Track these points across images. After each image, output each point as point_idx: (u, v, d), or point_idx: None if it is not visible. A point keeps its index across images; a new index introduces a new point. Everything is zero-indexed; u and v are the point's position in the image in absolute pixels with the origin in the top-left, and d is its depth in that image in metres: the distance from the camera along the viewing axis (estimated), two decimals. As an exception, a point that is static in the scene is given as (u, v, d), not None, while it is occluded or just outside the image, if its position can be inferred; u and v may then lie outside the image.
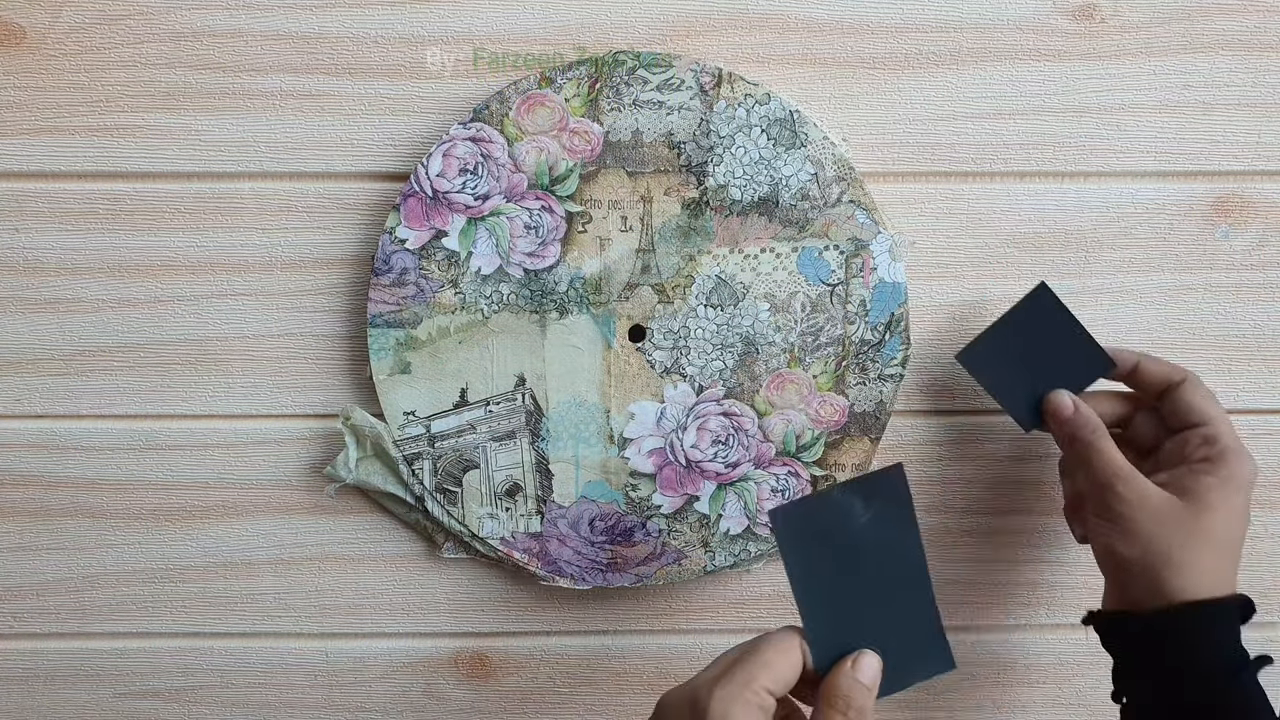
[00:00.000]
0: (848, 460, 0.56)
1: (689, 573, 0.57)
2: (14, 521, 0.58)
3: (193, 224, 0.55)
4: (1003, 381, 0.53)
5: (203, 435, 0.57)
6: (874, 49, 0.54)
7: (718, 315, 0.54)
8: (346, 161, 0.54)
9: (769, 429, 0.55)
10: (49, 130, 0.53)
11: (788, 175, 0.53)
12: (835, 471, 0.56)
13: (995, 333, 0.53)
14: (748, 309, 0.54)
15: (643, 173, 0.53)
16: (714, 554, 0.57)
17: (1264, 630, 0.60)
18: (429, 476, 0.56)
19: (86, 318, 0.56)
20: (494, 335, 0.54)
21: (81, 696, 0.60)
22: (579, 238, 0.53)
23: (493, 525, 0.56)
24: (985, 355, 0.53)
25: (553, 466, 0.56)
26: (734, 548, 0.57)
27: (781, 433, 0.55)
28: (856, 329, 0.54)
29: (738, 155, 0.53)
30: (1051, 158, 0.55)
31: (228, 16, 0.53)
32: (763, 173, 0.53)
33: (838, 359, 0.55)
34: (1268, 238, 0.56)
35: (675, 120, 0.53)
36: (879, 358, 0.55)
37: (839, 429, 0.55)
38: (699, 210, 0.53)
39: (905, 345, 0.55)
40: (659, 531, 0.56)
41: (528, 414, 0.55)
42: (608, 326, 0.54)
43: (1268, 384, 0.58)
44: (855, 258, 0.54)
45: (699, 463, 0.56)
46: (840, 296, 0.54)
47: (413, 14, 0.53)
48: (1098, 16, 0.54)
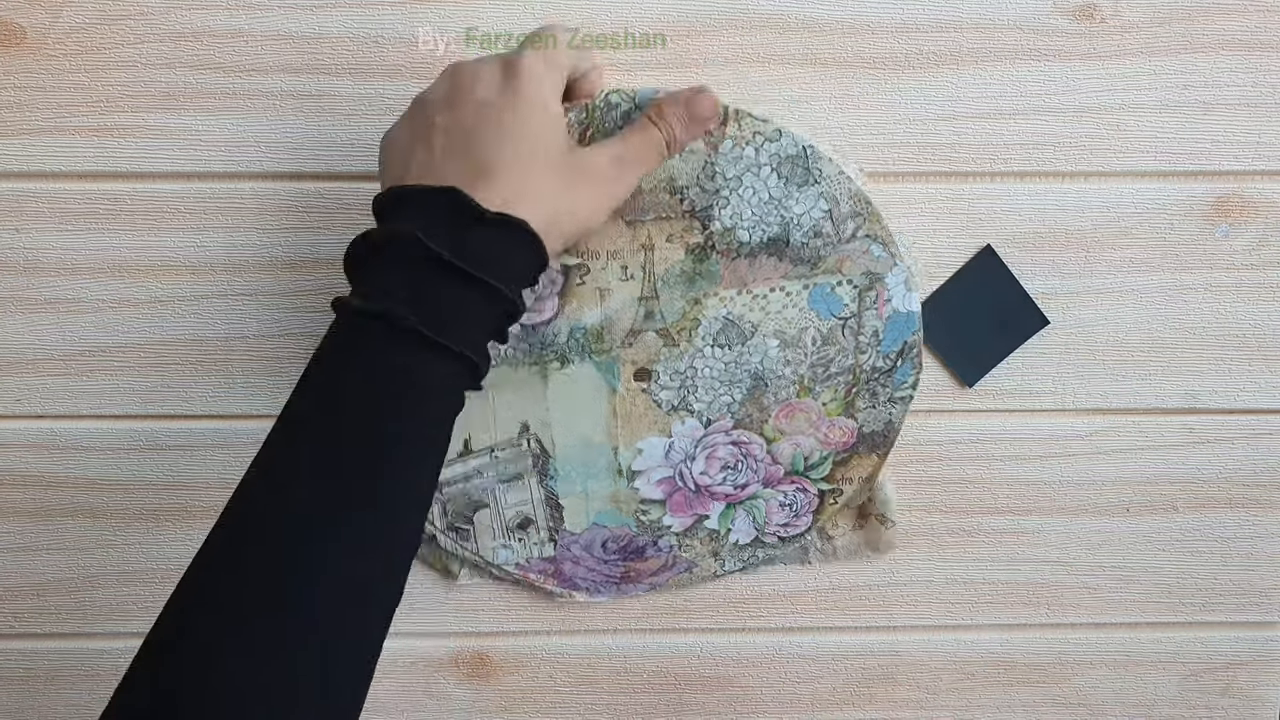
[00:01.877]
0: (855, 474, 0.56)
1: (699, 579, 0.58)
2: (14, 521, 0.58)
3: (193, 224, 0.55)
4: (948, 340, 0.56)
5: (203, 435, 0.57)
6: (874, 49, 0.54)
7: (725, 354, 0.53)
8: (346, 161, 0.54)
9: (777, 453, 0.55)
10: (49, 130, 0.53)
11: (799, 214, 0.51)
12: (843, 485, 0.56)
13: (943, 294, 0.55)
14: (756, 346, 0.53)
15: (643, 221, 0.51)
16: (723, 561, 0.57)
17: (1264, 630, 0.61)
18: (439, 519, 0.56)
19: (86, 318, 0.56)
20: (494, 388, 0.53)
21: (81, 696, 0.60)
22: (577, 289, 0.52)
23: (507, 554, 0.56)
24: (933, 316, 0.55)
25: (563, 501, 0.55)
26: (743, 554, 0.57)
27: (790, 455, 0.55)
28: (868, 358, 0.54)
29: (745, 196, 0.51)
30: (1051, 158, 0.55)
31: (228, 17, 0.53)
32: (773, 213, 0.51)
33: (848, 387, 0.54)
34: (1268, 238, 0.56)
35: (676, 164, 0.51)
36: (889, 383, 0.54)
37: (847, 449, 0.55)
38: (704, 255, 0.52)
39: (916, 370, 0.54)
40: (670, 547, 0.57)
41: (534, 457, 0.55)
42: (611, 372, 0.53)
43: (1268, 384, 0.58)
44: (869, 291, 0.53)
45: (708, 487, 0.55)
46: (852, 329, 0.53)
47: (413, 14, 0.53)
48: (1098, 16, 0.54)
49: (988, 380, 0.57)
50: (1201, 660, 0.61)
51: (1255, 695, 0.62)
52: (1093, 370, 0.57)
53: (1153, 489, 0.59)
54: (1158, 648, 0.61)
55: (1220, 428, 0.58)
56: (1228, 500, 0.59)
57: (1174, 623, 0.61)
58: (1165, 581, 0.60)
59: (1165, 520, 0.59)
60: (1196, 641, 0.61)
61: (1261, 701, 0.62)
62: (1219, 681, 0.61)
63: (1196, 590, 0.60)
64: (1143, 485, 0.59)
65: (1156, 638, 0.61)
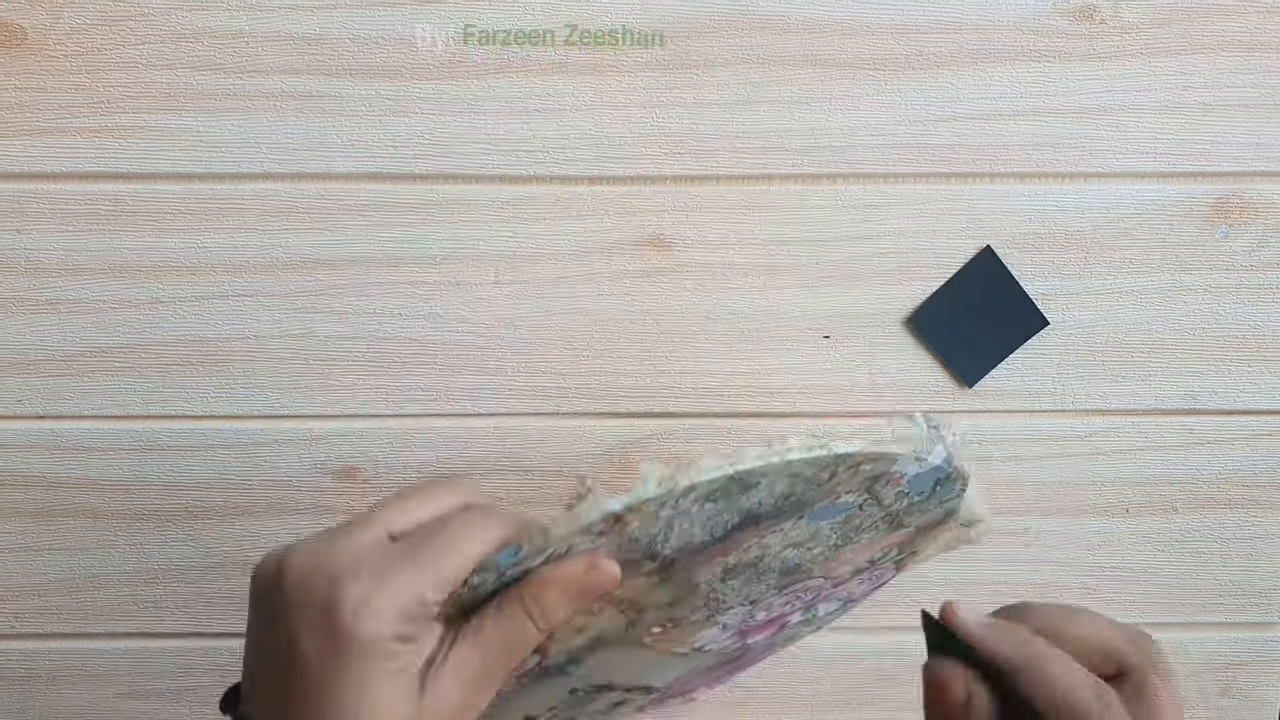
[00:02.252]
0: (927, 544, 0.47)
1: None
2: (14, 521, 0.58)
3: (193, 225, 0.55)
4: (948, 340, 0.56)
5: (203, 435, 0.57)
6: (874, 50, 0.54)
7: (735, 592, 0.43)
8: (346, 162, 0.54)
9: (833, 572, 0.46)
10: (50, 131, 0.53)
11: (755, 502, 0.38)
12: (919, 547, 0.47)
13: (943, 295, 0.55)
14: (768, 565, 0.42)
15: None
16: (824, 624, 0.51)
17: (1264, 630, 0.61)
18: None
19: (87, 318, 0.56)
20: None
21: (81, 696, 0.60)
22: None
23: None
24: (932, 318, 0.55)
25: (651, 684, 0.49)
26: (840, 613, 0.50)
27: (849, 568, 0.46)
28: (898, 503, 0.42)
29: (685, 526, 0.37)
30: (1051, 159, 0.55)
31: (228, 18, 0.53)
32: (720, 515, 0.38)
33: (888, 525, 0.43)
34: (1268, 238, 0.56)
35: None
36: (934, 498, 0.44)
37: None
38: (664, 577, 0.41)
39: (960, 481, 0.43)
40: (767, 643, 0.50)
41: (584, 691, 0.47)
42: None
43: (1268, 384, 0.58)
44: (877, 483, 0.40)
45: (777, 618, 0.47)
46: (869, 508, 0.42)
47: (413, 14, 0.53)
48: (1098, 17, 0.54)
49: (988, 380, 0.57)
50: (1201, 660, 0.61)
51: (1255, 695, 0.62)
52: (1092, 371, 0.57)
53: (1152, 490, 0.59)
54: (1157, 648, 0.61)
55: (1220, 428, 0.58)
56: (1227, 501, 0.59)
57: (1173, 623, 0.61)
58: (1165, 582, 0.60)
59: (1165, 521, 0.59)
60: (1196, 642, 0.61)
61: (1261, 702, 0.62)
62: (1219, 682, 0.61)
63: (1196, 591, 0.60)
64: (1143, 486, 0.59)
65: (1156, 638, 0.61)
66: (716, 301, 0.56)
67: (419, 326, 0.56)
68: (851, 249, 0.56)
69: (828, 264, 0.56)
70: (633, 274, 0.56)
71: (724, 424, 0.58)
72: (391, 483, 0.58)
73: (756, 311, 0.56)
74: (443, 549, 0.34)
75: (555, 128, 0.54)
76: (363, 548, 0.34)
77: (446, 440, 0.57)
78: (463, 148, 0.54)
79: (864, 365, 0.57)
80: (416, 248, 0.55)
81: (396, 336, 0.56)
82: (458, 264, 0.55)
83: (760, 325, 0.57)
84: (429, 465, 0.58)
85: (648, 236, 0.55)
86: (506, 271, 0.56)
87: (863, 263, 0.56)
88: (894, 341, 0.57)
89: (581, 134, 0.54)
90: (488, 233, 0.55)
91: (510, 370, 0.57)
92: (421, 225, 0.55)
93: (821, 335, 0.57)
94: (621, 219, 0.55)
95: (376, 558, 0.33)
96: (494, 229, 0.55)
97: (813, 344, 0.57)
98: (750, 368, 0.57)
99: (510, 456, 0.58)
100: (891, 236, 0.56)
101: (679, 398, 0.57)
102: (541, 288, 0.56)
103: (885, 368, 0.57)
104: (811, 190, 0.55)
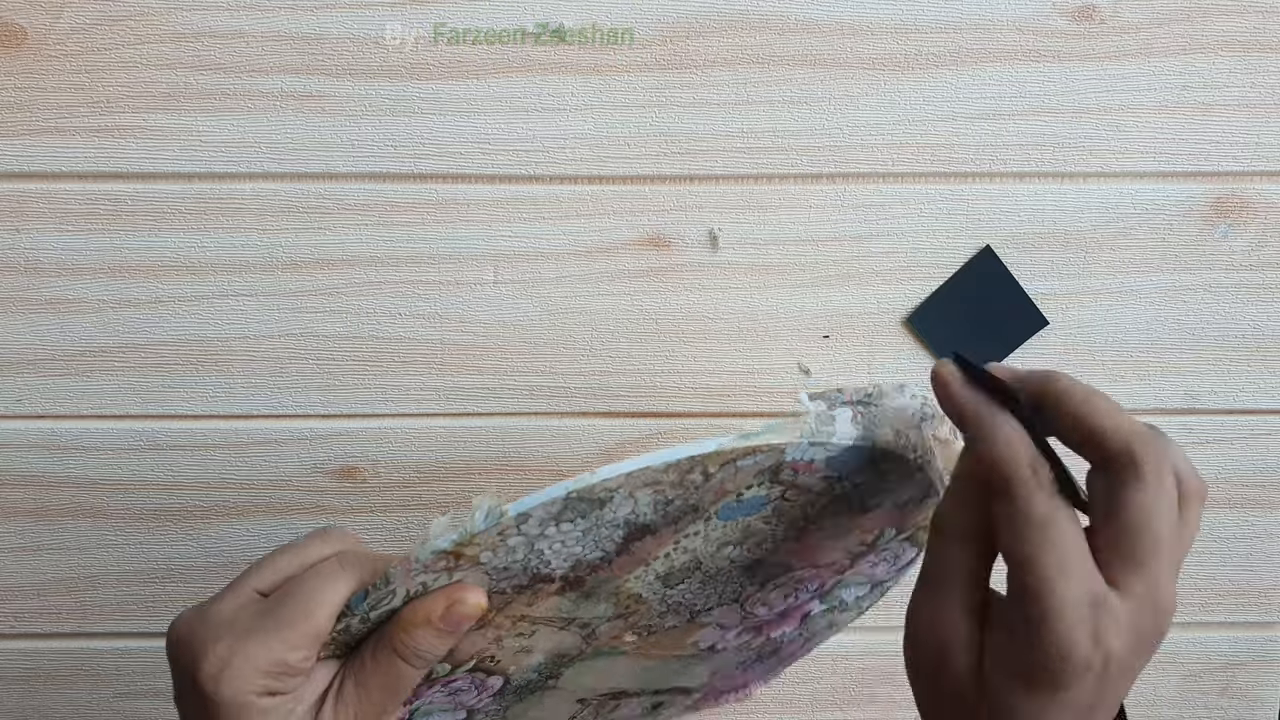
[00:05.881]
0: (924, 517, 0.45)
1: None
2: (14, 521, 0.58)
3: (193, 224, 0.55)
4: (948, 340, 0.56)
5: (203, 435, 0.57)
6: (874, 49, 0.54)
7: (699, 596, 0.42)
8: (346, 162, 0.54)
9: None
10: (49, 131, 0.53)
11: (621, 515, 0.37)
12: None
13: (942, 295, 0.55)
14: (716, 569, 0.41)
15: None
16: (857, 610, 0.51)
17: (1264, 630, 0.61)
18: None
19: (87, 318, 0.56)
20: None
21: (81, 696, 0.60)
22: (495, 665, 0.42)
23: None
24: (932, 318, 0.55)
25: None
26: (873, 595, 0.50)
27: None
28: (839, 488, 0.39)
29: (554, 547, 0.37)
30: (1050, 158, 0.55)
31: (228, 17, 0.53)
32: (590, 534, 0.37)
33: (851, 509, 0.41)
34: (1267, 238, 0.56)
35: None
36: (886, 485, 0.41)
37: None
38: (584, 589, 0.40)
39: (919, 457, 0.39)
40: (796, 637, 0.50)
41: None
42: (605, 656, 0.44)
43: (1268, 384, 0.58)
44: (781, 473, 0.37)
45: (789, 608, 0.46)
46: (798, 496, 0.39)
47: (413, 15, 0.53)
48: (1097, 17, 0.54)
49: (987, 380, 0.57)
50: (1201, 660, 0.61)
51: (1255, 695, 0.62)
52: (1092, 370, 0.57)
53: (1152, 489, 0.59)
54: (1157, 648, 0.61)
55: (1220, 428, 0.58)
56: (1227, 500, 0.59)
57: (1173, 623, 0.60)
58: (1165, 582, 0.60)
59: (1165, 520, 0.59)
60: (1196, 642, 0.61)
61: (1261, 701, 0.62)
62: (1218, 682, 0.61)
63: (1196, 590, 0.60)
64: (1142, 485, 0.59)
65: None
66: (716, 301, 0.56)
67: (419, 326, 0.56)
68: (851, 249, 0.56)
69: (827, 264, 0.56)
70: (633, 274, 0.56)
71: (724, 424, 0.58)
72: (391, 483, 0.58)
73: (756, 311, 0.56)
74: (300, 602, 0.35)
75: (555, 127, 0.54)
76: (230, 611, 0.36)
77: (446, 440, 0.57)
78: (462, 148, 0.54)
79: (864, 365, 0.57)
80: (416, 248, 0.55)
81: (396, 336, 0.56)
82: (457, 264, 0.55)
83: (760, 325, 0.57)
84: (428, 465, 0.58)
85: (648, 236, 0.55)
86: (506, 271, 0.56)
87: (862, 262, 0.56)
88: (894, 341, 0.57)
89: (581, 134, 0.54)
90: (487, 232, 0.55)
91: (510, 370, 0.57)
92: (421, 225, 0.55)
93: (821, 335, 0.57)
94: (621, 219, 0.55)
95: (241, 619, 0.35)
96: (493, 228, 0.55)
97: (813, 344, 0.57)
98: (750, 368, 0.57)
99: (510, 456, 0.58)
100: (891, 236, 0.56)
101: (679, 398, 0.57)
102: (541, 287, 0.56)
103: (885, 367, 0.57)
104: (811, 190, 0.55)
